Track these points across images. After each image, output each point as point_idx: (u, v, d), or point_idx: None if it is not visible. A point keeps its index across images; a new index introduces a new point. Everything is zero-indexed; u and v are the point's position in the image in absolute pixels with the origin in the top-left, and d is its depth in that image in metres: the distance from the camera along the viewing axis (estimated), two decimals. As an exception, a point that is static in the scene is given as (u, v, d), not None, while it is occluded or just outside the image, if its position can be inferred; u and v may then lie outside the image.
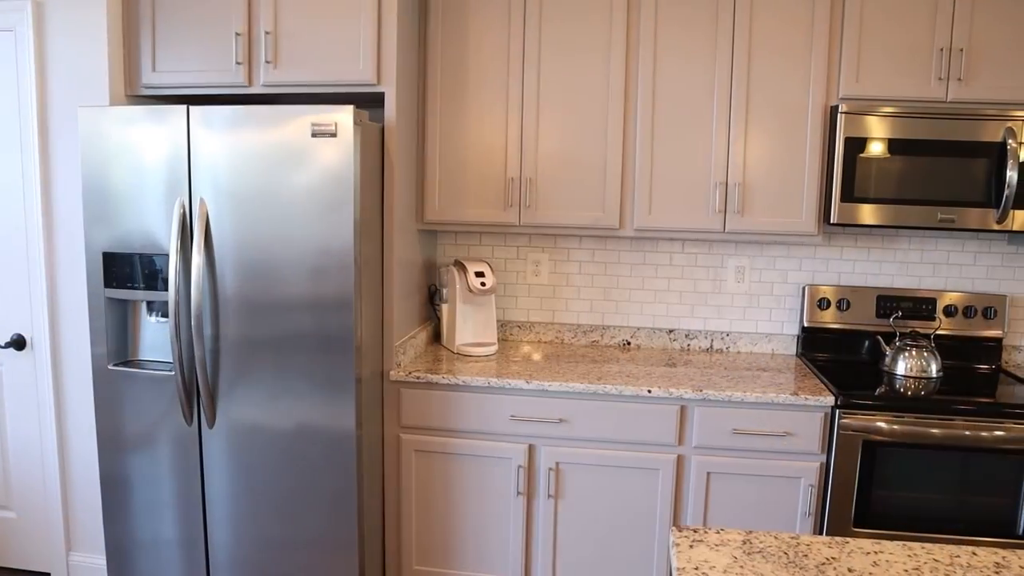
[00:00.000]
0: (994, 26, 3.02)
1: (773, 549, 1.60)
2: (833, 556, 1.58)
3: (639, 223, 3.19)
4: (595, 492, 3.00)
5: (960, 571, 1.55)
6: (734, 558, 1.55)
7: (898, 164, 3.02)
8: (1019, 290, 3.50)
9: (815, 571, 1.52)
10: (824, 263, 3.52)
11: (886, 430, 2.86)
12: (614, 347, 3.59)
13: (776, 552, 1.59)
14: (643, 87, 3.14)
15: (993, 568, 1.58)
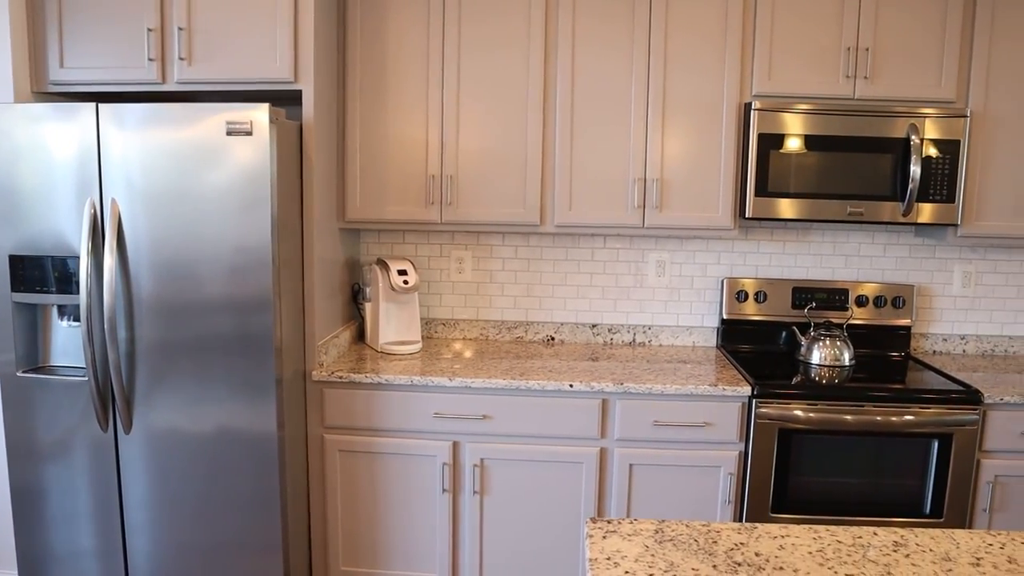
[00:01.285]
0: (897, 26, 3.13)
1: (684, 537, 1.64)
2: (742, 541, 1.63)
3: (560, 219, 3.22)
4: (520, 487, 3.03)
5: (860, 551, 1.61)
6: (646, 547, 1.58)
7: (809, 159, 3.11)
8: (926, 280, 3.64)
9: (724, 557, 1.56)
10: (742, 256, 3.60)
11: (802, 418, 2.95)
12: (538, 343, 3.62)
13: (687, 540, 1.63)
14: (562, 85, 3.17)
15: (892, 547, 1.64)
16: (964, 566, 1.57)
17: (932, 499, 3.00)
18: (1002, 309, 3.66)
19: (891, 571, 1.53)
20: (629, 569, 1.49)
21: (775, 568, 1.52)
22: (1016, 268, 3.64)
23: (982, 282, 3.65)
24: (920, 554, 1.61)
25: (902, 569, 1.54)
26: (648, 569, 1.49)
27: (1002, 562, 1.59)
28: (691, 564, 1.52)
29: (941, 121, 3.10)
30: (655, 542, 1.61)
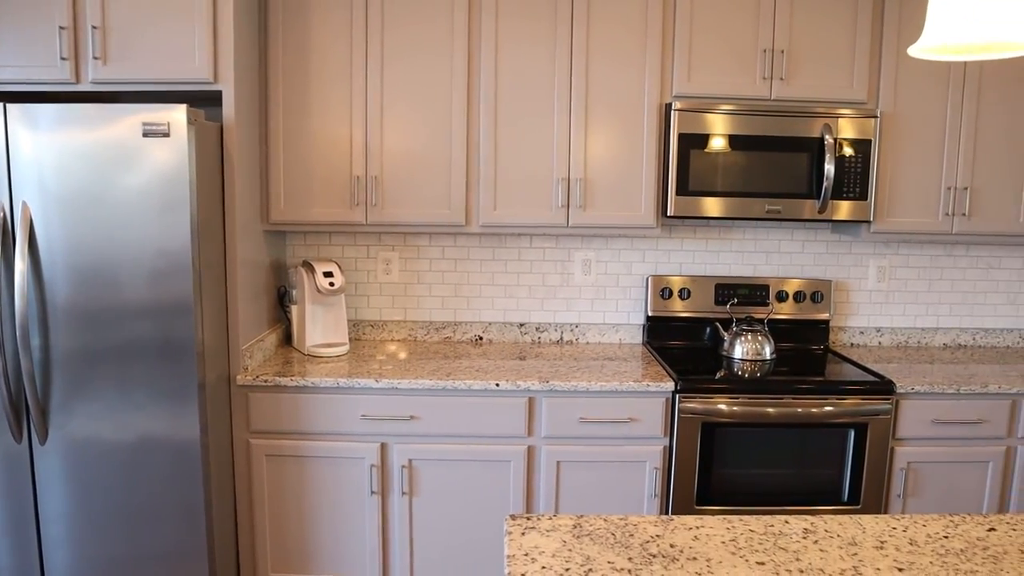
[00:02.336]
0: (811, 29, 3.22)
1: (602, 531, 1.66)
2: (658, 534, 1.66)
3: (485, 220, 3.24)
4: (449, 487, 3.03)
5: (772, 539, 1.66)
6: (563, 542, 1.60)
7: (728, 158, 3.18)
8: (843, 275, 3.75)
9: (639, 549, 1.59)
10: (666, 254, 3.67)
11: (725, 411, 3.01)
12: (466, 343, 3.63)
13: (604, 534, 1.65)
14: (486, 86, 3.18)
15: (802, 534, 1.69)
16: (869, 549, 1.63)
17: (850, 487, 3.10)
18: (915, 302, 3.80)
19: (799, 557, 1.58)
20: (546, 564, 1.51)
21: (688, 559, 1.56)
22: (927, 263, 3.77)
23: (895, 276, 3.77)
24: (828, 540, 1.67)
25: (810, 555, 1.59)
26: (565, 564, 1.52)
27: (904, 544, 1.66)
28: (607, 557, 1.55)
29: (853, 121, 3.21)
30: (573, 537, 1.63)
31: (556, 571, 1.49)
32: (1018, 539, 1.71)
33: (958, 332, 3.83)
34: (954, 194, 3.35)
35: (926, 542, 1.68)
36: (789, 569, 1.53)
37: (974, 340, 3.84)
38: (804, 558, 1.58)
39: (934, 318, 3.82)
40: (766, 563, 1.55)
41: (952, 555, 1.62)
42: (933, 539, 1.70)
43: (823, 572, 1.52)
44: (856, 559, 1.58)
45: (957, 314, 3.83)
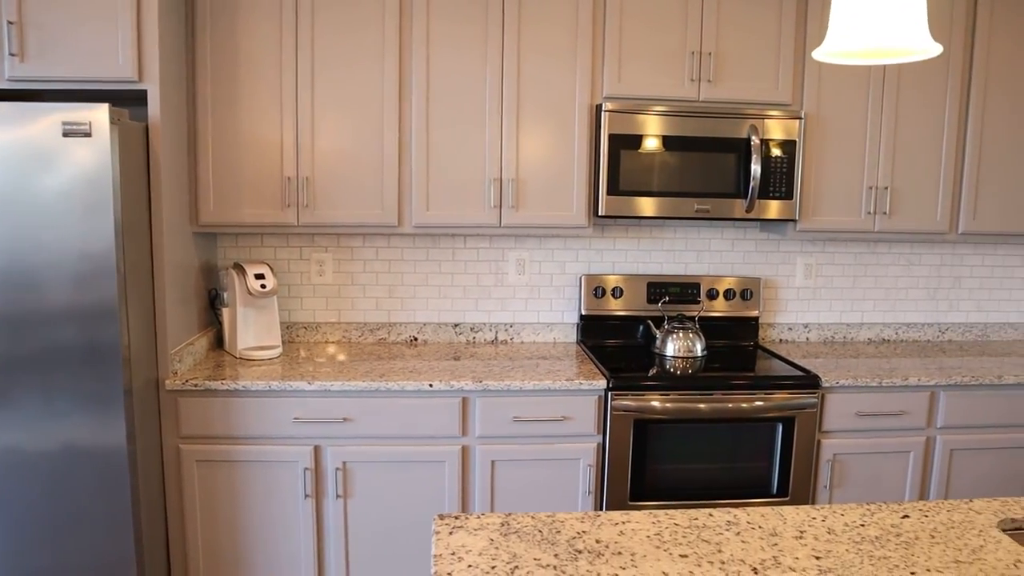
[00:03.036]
0: (737, 32, 3.29)
1: (529, 529, 1.68)
2: (584, 530, 1.69)
3: (417, 220, 3.23)
4: (384, 488, 3.02)
5: (696, 532, 1.70)
6: (491, 540, 1.62)
7: (658, 159, 3.23)
8: (771, 273, 3.83)
9: (566, 545, 1.61)
10: (599, 253, 3.71)
11: (657, 408, 3.06)
12: (401, 344, 3.62)
13: (532, 531, 1.67)
14: (417, 87, 3.18)
15: (725, 526, 1.73)
16: (788, 539, 1.67)
17: (779, 479, 3.18)
18: (840, 298, 3.90)
19: (721, 548, 1.62)
20: (473, 563, 1.52)
21: (614, 553, 1.58)
22: (851, 260, 3.88)
23: (822, 273, 3.87)
24: (750, 531, 1.71)
25: (732, 546, 1.63)
26: (491, 561, 1.53)
27: (822, 533, 1.71)
28: (533, 554, 1.56)
29: (778, 122, 3.28)
30: (500, 535, 1.64)
31: (482, 569, 1.50)
32: (929, 525, 1.77)
33: (881, 327, 3.94)
34: (875, 193, 3.45)
35: (843, 531, 1.73)
36: (711, 560, 1.57)
37: (896, 335, 3.96)
38: (726, 549, 1.62)
39: (859, 314, 3.93)
40: (689, 555, 1.58)
41: (867, 542, 1.68)
42: (850, 528, 1.75)
43: (744, 562, 1.56)
44: (776, 549, 1.63)
45: (880, 309, 3.95)
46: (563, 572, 1.50)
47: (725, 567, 1.54)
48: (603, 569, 1.51)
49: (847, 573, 1.54)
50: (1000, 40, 3.47)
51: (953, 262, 3.99)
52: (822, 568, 1.55)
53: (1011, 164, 3.55)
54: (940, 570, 1.57)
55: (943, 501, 1.92)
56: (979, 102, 3.49)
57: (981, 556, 1.63)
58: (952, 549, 1.66)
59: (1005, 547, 1.68)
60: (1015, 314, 4.08)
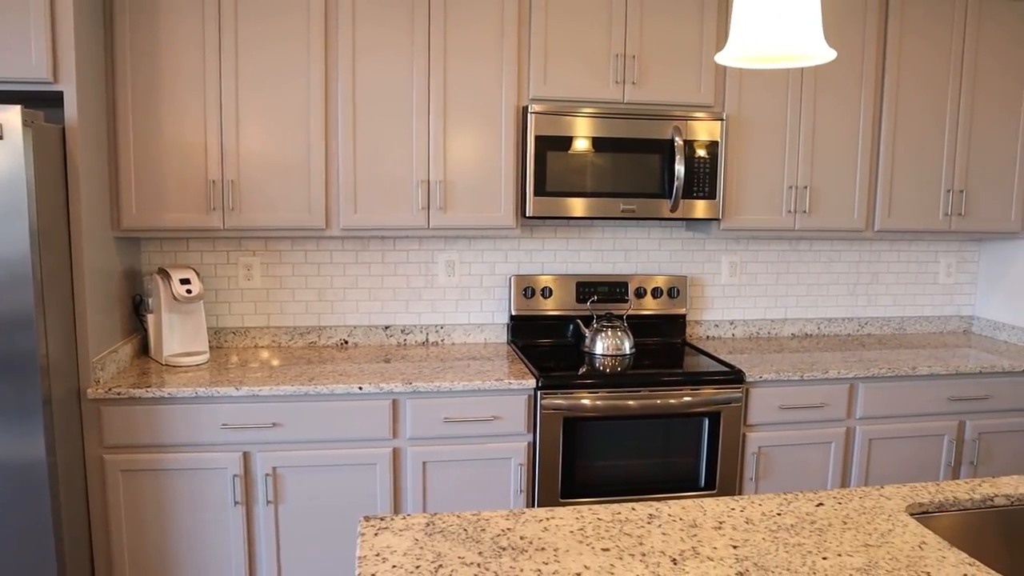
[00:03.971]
0: (660, 35, 3.35)
1: (454, 528, 1.69)
2: (509, 527, 1.71)
3: (345, 223, 3.22)
4: (316, 493, 3.00)
5: (618, 526, 1.73)
6: (416, 540, 1.63)
7: (584, 159, 3.27)
8: (698, 271, 3.91)
9: (490, 543, 1.63)
10: (528, 254, 3.74)
11: (587, 406, 3.10)
12: (332, 347, 3.60)
13: (457, 530, 1.68)
14: (343, 89, 3.17)
15: (647, 519, 1.77)
16: (707, 530, 1.72)
17: (706, 473, 3.24)
18: (764, 295, 4.00)
19: (643, 541, 1.65)
20: (397, 563, 1.53)
21: (537, 549, 1.60)
22: (774, 257, 3.98)
23: (746, 271, 3.97)
24: (671, 523, 1.75)
25: (653, 539, 1.67)
26: (416, 561, 1.54)
27: (740, 523, 1.76)
28: (458, 553, 1.58)
29: (701, 124, 3.35)
30: (425, 535, 1.65)
31: (406, 569, 1.51)
32: (842, 512, 1.84)
33: (804, 322, 4.06)
34: (795, 192, 3.55)
35: (760, 520, 1.78)
36: (632, 553, 1.60)
37: (819, 329, 4.08)
38: (647, 542, 1.65)
39: (782, 310, 4.04)
40: (611, 549, 1.62)
41: (783, 530, 1.73)
42: (767, 517, 1.80)
43: (664, 554, 1.60)
44: (695, 540, 1.67)
45: (803, 305, 4.06)
46: (486, 569, 1.52)
47: (646, 559, 1.58)
48: (526, 565, 1.54)
49: (762, 560, 1.58)
50: (910, 44, 3.60)
51: (871, 259, 4.13)
52: (739, 556, 1.60)
53: (923, 164, 3.69)
54: (850, 554, 1.63)
55: (856, 488, 1.99)
56: (892, 104, 3.61)
57: (889, 540, 1.70)
58: (863, 534, 1.73)
59: (911, 530, 1.75)
60: (929, 308, 4.23)
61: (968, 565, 1.60)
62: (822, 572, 1.55)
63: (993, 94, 3.74)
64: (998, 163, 3.79)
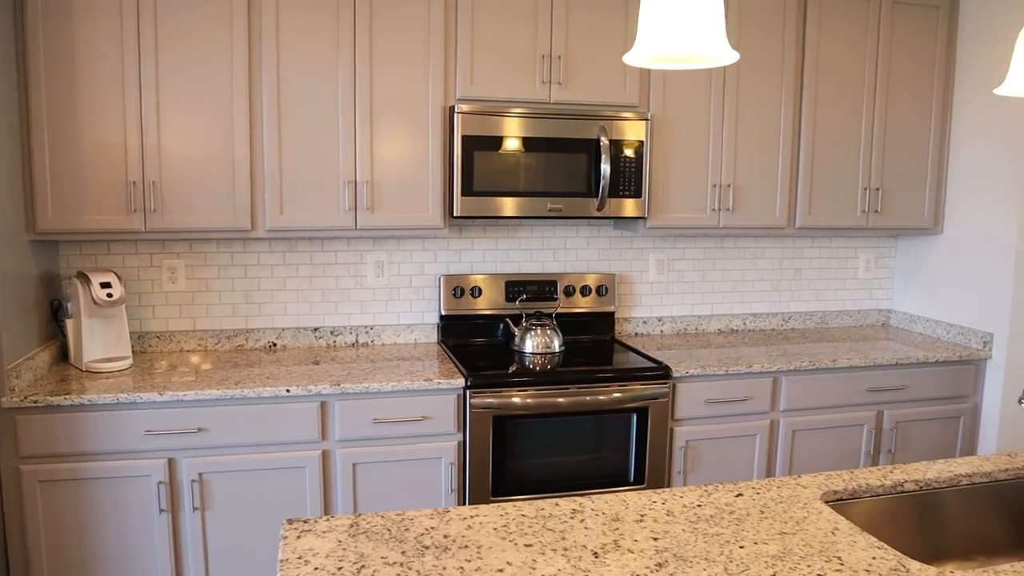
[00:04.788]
0: (586, 36, 3.39)
1: (378, 528, 1.69)
2: (433, 526, 1.71)
3: (272, 224, 3.18)
4: (244, 498, 2.96)
5: (542, 521, 1.75)
6: (339, 542, 1.62)
7: (511, 159, 3.29)
8: (626, 269, 3.97)
9: (414, 542, 1.63)
10: (457, 254, 3.74)
11: (517, 404, 3.12)
12: (260, 350, 3.55)
13: (381, 530, 1.68)
14: (268, 88, 3.13)
15: (570, 514, 1.79)
16: (630, 523, 1.75)
17: (635, 468, 3.29)
18: (691, 292, 4.08)
19: (565, 536, 1.68)
20: (319, 565, 1.52)
21: (460, 547, 1.61)
22: (700, 255, 4.06)
23: (673, 268, 4.04)
24: (594, 518, 1.78)
25: (576, 533, 1.69)
26: (338, 563, 1.53)
27: (661, 516, 1.79)
28: (381, 553, 1.58)
29: (627, 123, 3.40)
30: (349, 536, 1.65)
31: (328, 571, 1.50)
32: (760, 501, 1.89)
33: (730, 318, 4.14)
34: (719, 191, 3.63)
35: (681, 512, 1.82)
36: (555, 548, 1.62)
37: (744, 325, 4.17)
38: (569, 536, 1.68)
39: (709, 306, 4.12)
40: (533, 544, 1.63)
41: (703, 521, 1.77)
42: (688, 508, 1.84)
43: (585, 548, 1.62)
44: (617, 533, 1.70)
45: (729, 301, 4.15)
46: (409, 568, 1.52)
47: (568, 553, 1.60)
48: (449, 563, 1.54)
49: (681, 551, 1.62)
50: (828, 47, 3.71)
51: (794, 255, 4.24)
52: (658, 548, 1.63)
53: (841, 163, 3.80)
54: (766, 542, 1.67)
55: (775, 479, 2.04)
56: (811, 105, 3.72)
57: (804, 527, 1.75)
58: (779, 522, 1.78)
59: (825, 517, 1.81)
60: (849, 302, 4.36)
61: (877, 548, 1.66)
62: (738, 560, 1.59)
63: (906, 96, 3.87)
64: (912, 162, 3.92)
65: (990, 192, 3.76)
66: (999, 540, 2.23)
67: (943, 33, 3.89)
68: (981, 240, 3.82)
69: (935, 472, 2.14)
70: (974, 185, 3.85)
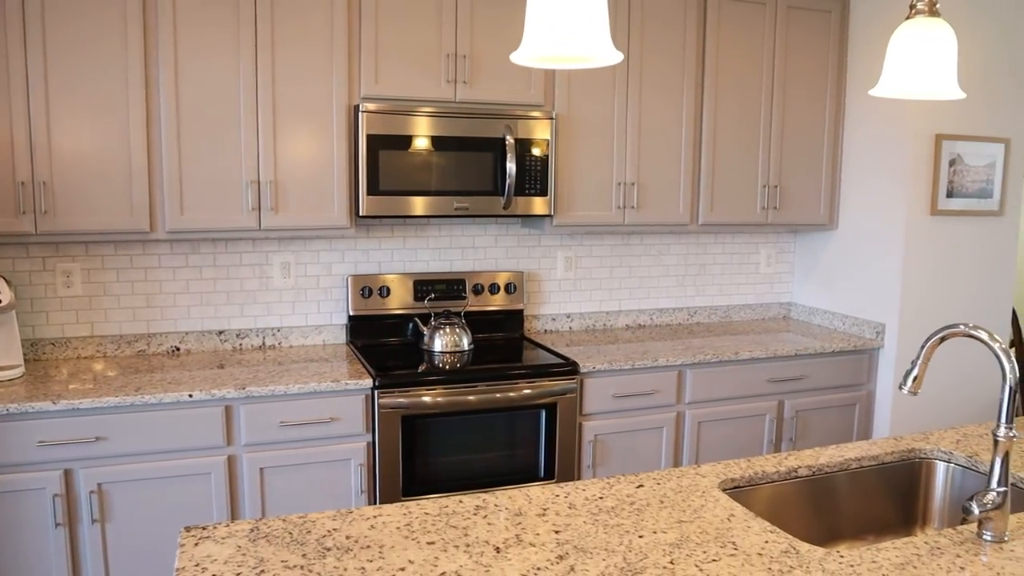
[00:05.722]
0: (490, 35, 3.40)
1: (279, 532, 1.67)
2: (335, 527, 1.70)
3: (172, 225, 3.10)
4: (147, 508, 2.88)
5: (445, 519, 1.76)
6: (238, 547, 1.60)
7: (417, 158, 3.28)
8: (534, 266, 4.00)
9: (315, 544, 1.62)
10: (365, 254, 3.72)
11: (426, 403, 3.12)
12: (162, 355, 3.46)
13: (282, 534, 1.67)
14: (165, 84, 3.04)
15: (473, 510, 1.81)
16: (532, 518, 1.77)
17: (545, 463, 3.33)
18: (599, 288, 4.14)
19: (468, 532, 1.69)
20: (217, 572, 1.50)
21: (362, 547, 1.61)
22: (607, 252, 4.13)
23: (581, 265, 4.09)
24: (496, 513, 1.79)
25: (478, 529, 1.71)
26: (237, 569, 1.51)
27: (564, 509, 1.82)
28: (281, 557, 1.56)
29: (532, 122, 3.43)
30: (249, 541, 1.63)
31: (226, 577, 1.48)
32: (660, 492, 1.93)
33: (637, 313, 4.22)
34: (624, 189, 3.70)
35: (583, 504, 1.85)
36: (457, 545, 1.63)
37: (651, 320, 4.26)
38: (472, 533, 1.69)
39: (617, 302, 4.19)
40: (436, 542, 1.64)
41: (604, 513, 1.81)
42: (590, 501, 1.88)
43: (488, 543, 1.64)
44: (520, 528, 1.72)
45: (636, 297, 4.23)
46: (310, 571, 1.51)
47: (470, 549, 1.61)
48: (350, 564, 1.54)
49: (582, 543, 1.65)
50: (727, 49, 3.82)
51: (698, 251, 4.34)
52: (560, 541, 1.66)
53: (741, 161, 3.92)
54: (665, 531, 1.72)
55: (675, 469, 2.09)
56: (711, 105, 3.82)
57: (701, 515, 1.81)
58: (677, 511, 1.82)
59: (722, 504, 1.87)
60: (752, 296, 4.50)
61: (769, 532, 1.72)
62: (637, 549, 1.63)
63: (802, 97, 4.01)
64: (808, 161, 4.07)
65: (880, 189, 3.92)
66: (888, 519, 2.33)
67: (835, 36, 4.04)
68: (872, 235, 3.99)
69: (827, 457, 2.23)
70: (865, 182, 4.02)
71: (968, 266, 3.98)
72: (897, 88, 1.86)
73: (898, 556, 1.62)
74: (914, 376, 1.90)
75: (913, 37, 1.81)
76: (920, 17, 1.82)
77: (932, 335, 1.87)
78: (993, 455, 1.74)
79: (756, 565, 1.57)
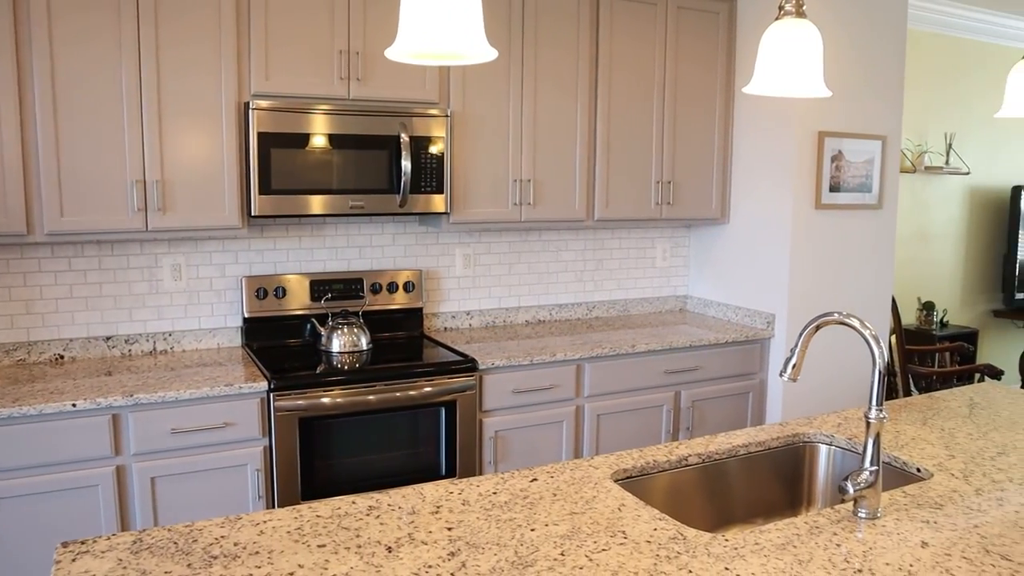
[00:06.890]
0: (383, 32, 3.38)
1: (164, 542, 1.63)
2: (223, 535, 1.67)
3: (51, 227, 2.97)
4: (29, 525, 2.75)
5: (336, 521, 1.74)
6: (119, 560, 1.55)
7: (311, 157, 3.24)
8: (433, 264, 4.00)
9: (201, 553, 1.58)
10: (259, 254, 3.64)
11: (324, 404, 3.08)
12: (44, 363, 3.31)
13: (166, 544, 1.62)
14: (40, 78, 2.90)
15: (366, 511, 1.80)
16: (425, 516, 1.77)
17: (446, 460, 3.33)
18: (498, 285, 4.17)
19: (360, 533, 1.68)
20: (96, 586, 1.45)
21: (251, 554, 1.58)
22: (505, 248, 4.16)
23: (480, 262, 4.11)
24: (389, 513, 1.79)
25: (371, 530, 1.70)
26: (117, 582, 1.47)
27: (457, 506, 1.83)
28: (165, 568, 1.52)
29: (427, 120, 3.42)
30: (131, 553, 1.58)
31: (105, 591, 1.43)
32: (553, 485, 1.96)
33: (537, 309, 4.27)
34: (520, 185, 3.73)
35: (477, 500, 1.87)
36: (348, 546, 1.62)
37: (551, 315, 4.31)
38: (364, 533, 1.68)
39: (516, 298, 4.22)
40: (327, 544, 1.63)
41: (497, 508, 1.82)
42: (483, 497, 1.89)
43: (379, 543, 1.63)
44: (412, 526, 1.72)
45: (535, 293, 4.27)
46: (195, 580, 1.48)
47: (361, 550, 1.60)
48: (237, 571, 1.51)
49: (474, 539, 1.66)
50: (620, 48, 3.89)
51: (595, 246, 4.41)
52: (452, 537, 1.67)
53: (635, 157, 3.99)
54: (556, 523, 1.74)
55: (568, 461, 2.13)
56: (605, 102, 3.88)
57: (593, 506, 1.84)
58: (570, 503, 1.85)
59: (614, 495, 1.90)
60: (649, 290, 4.59)
61: (659, 520, 1.76)
62: (529, 543, 1.65)
63: (693, 94, 4.12)
64: (700, 157, 4.18)
65: (768, 183, 4.06)
66: (776, 502, 2.42)
67: (724, 36, 4.16)
68: (762, 228, 4.12)
69: (716, 445, 2.30)
70: (754, 177, 4.15)
71: (851, 257, 4.16)
72: (768, 86, 1.93)
73: (779, 537, 1.69)
74: (793, 363, 1.98)
75: (781, 37, 1.88)
76: (788, 18, 1.90)
77: (808, 324, 1.95)
78: (866, 436, 1.82)
79: (644, 552, 1.61)
